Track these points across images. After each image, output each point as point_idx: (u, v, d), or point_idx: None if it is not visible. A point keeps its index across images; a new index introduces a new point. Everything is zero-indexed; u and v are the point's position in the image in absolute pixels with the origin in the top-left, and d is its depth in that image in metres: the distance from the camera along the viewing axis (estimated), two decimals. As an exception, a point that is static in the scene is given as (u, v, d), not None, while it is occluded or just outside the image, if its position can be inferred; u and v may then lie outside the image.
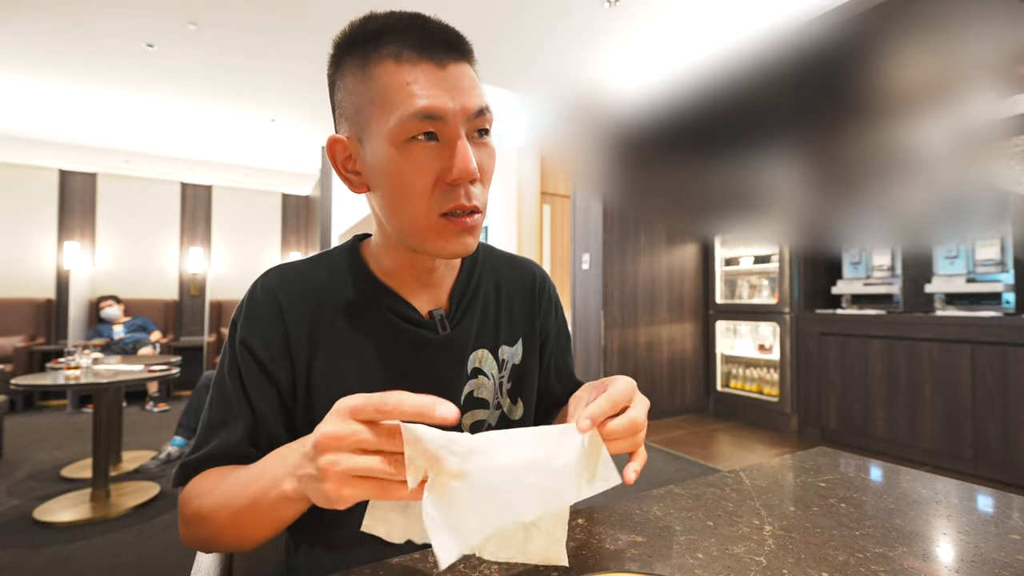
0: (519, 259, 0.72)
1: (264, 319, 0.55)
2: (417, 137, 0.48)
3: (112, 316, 4.86)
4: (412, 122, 0.47)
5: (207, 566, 0.55)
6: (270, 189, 6.55)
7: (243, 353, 0.54)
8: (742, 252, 4.17)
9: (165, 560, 1.84)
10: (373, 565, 0.47)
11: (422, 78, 0.48)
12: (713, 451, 3.21)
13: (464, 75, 0.50)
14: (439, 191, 0.50)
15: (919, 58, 2.89)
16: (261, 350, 0.54)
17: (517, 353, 0.66)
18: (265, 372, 0.54)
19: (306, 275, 0.58)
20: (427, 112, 0.47)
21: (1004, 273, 2.76)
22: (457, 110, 0.48)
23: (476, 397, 0.60)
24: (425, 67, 0.48)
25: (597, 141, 3.86)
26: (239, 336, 0.54)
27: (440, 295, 0.61)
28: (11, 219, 5.06)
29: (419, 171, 0.49)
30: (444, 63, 0.49)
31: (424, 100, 0.47)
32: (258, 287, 0.57)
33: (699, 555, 0.48)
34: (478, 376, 0.61)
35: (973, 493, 0.65)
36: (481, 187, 0.52)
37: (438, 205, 0.50)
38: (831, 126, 3.68)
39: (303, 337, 0.55)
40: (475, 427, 0.60)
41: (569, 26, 2.93)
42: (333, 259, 0.60)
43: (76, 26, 3.07)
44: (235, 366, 0.54)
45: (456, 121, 0.49)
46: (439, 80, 0.48)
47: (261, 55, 3.43)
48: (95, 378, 2.41)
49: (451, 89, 0.48)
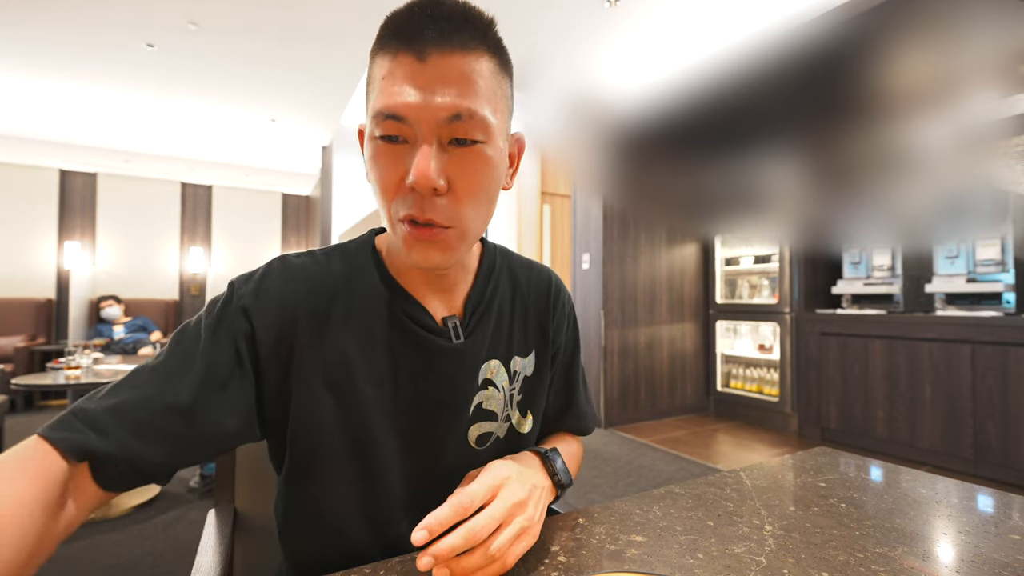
0: (536, 266, 0.69)
1: (274, 302, 0.50)
2: (385, 138, 0.45)
3: (112, 316, 4.86)
4: (376, 120, 0.45)
5: (207, 566, 0.55)
6: (270, 189, 6.56)
7: (239, 318, 0.49)
8: (742, 252, 4.17)
9: (165, 560, 1.84)
10: (373, 565, 0.47)
11: (396, 71, 0.44)
12: (713, 451, 3.21)
13: (451, 69, 0.44)
14: (401, 193, 0.47)
15: (919, 58, 2.89)
16: (262, 330, 0.49)
17: (529, 365, 0.64)
18: (254, 348, 0.49)
19: (324, 267, 0.55)
20: (387, 112, 0.44)
21: (1004, 273, 2.76)
22: (425, 112, 0.44)
23: (484, 409, 0.59)
24: (404, 59, 0.44)
25: (597, 141, 3.86)
26: (242, 303, 0.49)
27: (455, 301, 0.59)
28: (11, 219, 5.07)
29: (384, 171, 0.46)
30: (426, 55, 0.44)
31: (385, 98, 0.44)
32: (276, 265, 0.53)
33: (699, 555, 0.48)
34: (488, 387, 0.59)
35: (973, 493, 0.65)
36: (450, 201, 0.47)
37: (396, 209, 0.47)
38: (831, 126, 3.68)
39: (313, 332, 0.51)
40: (481, 439, 0.59)
41: (569, 25, 2.93)
42: (350, 253, 0.57)
43: (76, 26, 3.08)
44: (223, 329, 0.48)
45: (422, 124, 0.44)
46: (413, 75, 0.44)
47: (261, 55, 3.43)
48: (95, 378, 2.41)
49: (424, 87, 0.43)
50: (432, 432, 0.56)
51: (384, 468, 0.54)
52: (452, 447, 0.57)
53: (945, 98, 3.14)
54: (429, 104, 0.44)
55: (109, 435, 0.41)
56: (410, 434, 0.55)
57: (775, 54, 2.87)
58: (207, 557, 0.57)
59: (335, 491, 0.54)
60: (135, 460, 0.42)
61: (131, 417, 0.42)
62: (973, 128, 3.11)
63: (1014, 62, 2.79)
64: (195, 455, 0.46)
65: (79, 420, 0.41)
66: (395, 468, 0.55)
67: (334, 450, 0.52)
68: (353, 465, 0.53)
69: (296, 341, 0.51)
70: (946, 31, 2.62)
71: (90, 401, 0.43)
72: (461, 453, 0.58)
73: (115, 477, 0.41)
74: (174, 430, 0.44)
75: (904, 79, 3.09)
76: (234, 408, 0.47)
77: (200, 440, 0.45)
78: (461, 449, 0.58)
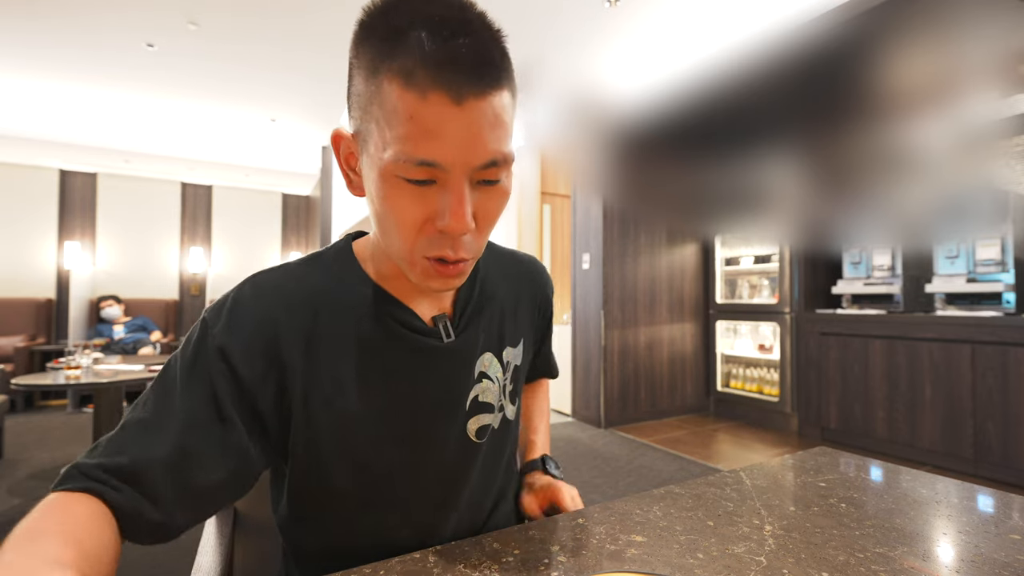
0: (520, 255, 0.70)
1: (251, 327, 0.49)
2: (411, 181, 0.43)
3: (112, 316, 4.86)
4: (406, 165, 0.42)
5: (207, 566, 0.55)
6: (270, 189, 6.56)
7: (216, 361, 0.47)
8: (742, 252, 4.17)
9: (165, 560, 1.84)
10: (374, 565, 0.47)
11: (428, 114, 0.40)
12: (713, 451, 3.21)
13: (485, 114, 0.42)
14: (427, 234, 0.45)
15: (919, 58, 2.89)
16: (240, 362, 0.47)
17: (519, 354, 0.65)
18: (242, 386, 0.47)
19: (301, 280, 0.53)
20: (424, 160, 0.41)
21: (1004, 273, 2.76)
22: (463, 159, 0.42)
23: (482, 402, 0.59)
24: (437, 99, 0.40)
25: (597, 141, 3.86)
26: (216, 342, 0.47)
27: (443, 301, 0.58)
28: (11, 219, 5.07)
29: (407, 210, 0.44)
30: (463, 98, 0.40)
31: (424, 147, 0.41)
32: (247, 288, 0.51)
33: (699, 555, 0.48)
34: (483, 380, 0.59)
35: (973, 493, 0.65)
36: (477, 235, 0.47)
37: (423, 248, 0.46)
38: (831, 126, 3.68)
39: (300, 347, 0.50)
40: (480, 432, 0.59)
41: (569, 25, 2.93)
42: (327, 262, 0.56)
43: (76, 26, 3.08)
44: (200, 371, 0.47)
45: (459, 171, 0.42)
46: (450, 120, 0.40)
47: (261, 55, 3.43)
48: (95, 378, 2.41)
49: (463, 133, 0.41)
50: (432, 431, 0.56)
51: (386, 474, 0.54)
52: (453, 443, 0.57)
53: (945, 98, 3.14)
54: (467, 153, 0.42)
55: (122, 491, 0.41)
56: (411, 437, 0.55)
57: (775, 54, 2.87)
58: (207, 557, 0.57)
59: (338, 498, 0.54)
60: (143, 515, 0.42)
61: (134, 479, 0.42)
62: (973, 128, 3.11)
63: (1014, 62, 2.79)
64: (196, 509, 0.45)
65: (84, 475, 0.41)
66: (397, 472, 0.55)
67: (335, 461, 0.52)
68: (355, 474, 0.53)
69: (283, 361, 0.49)
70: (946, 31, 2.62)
71: (90, 457, 0.43)
72: (463, 448, 0.58)
73: (133, 530, 0.42)
74: (166, 486, 0.43)
75: (904, 79, 3.09)
76: (223, 454, 0.46)
77: (195, 492, 0.45)
78: (462, 444, 0.58)
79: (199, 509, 0.46)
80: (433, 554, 0.49)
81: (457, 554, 0.49)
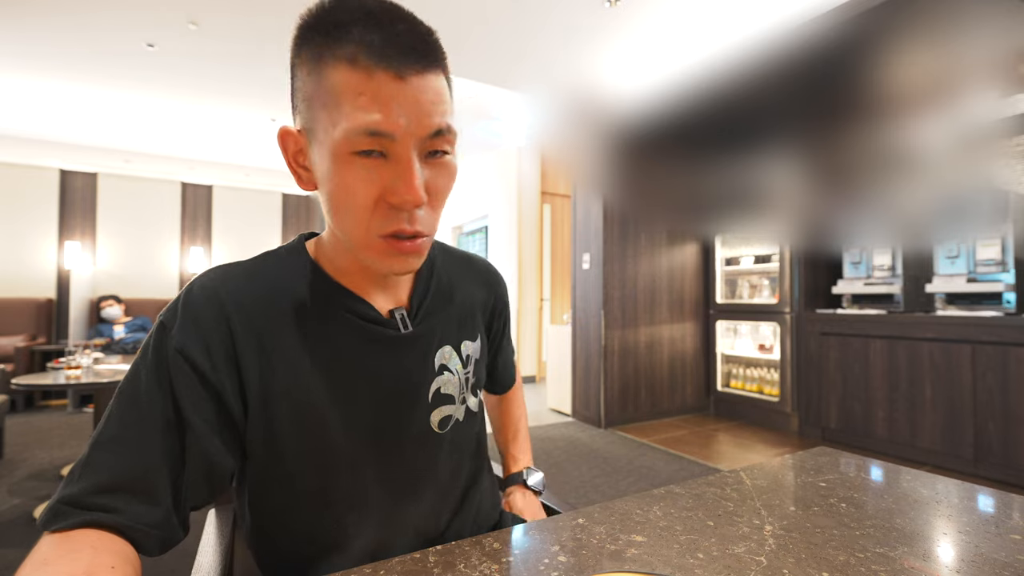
0: (475, 257, 0.74)
1: (205, 323, 0.49)
2: (361, 153, 0.45)
3: (113, 316, 4.87)
4: (357, 137, 0.44)
5: (207, 566, 0.55)
6: (270, 189, 6.56)
7: (177, 362, 0.47)
8: (742, 252, 4.17)
9: (165, 560, 1.84)
10: (374, 565, 0.47)
11: (375, 90, 0.43)
12: (713, 451, 3.21)
13: (427, 88, 0.45)
14: (380, 211, 0.47)
15: (919, 58, 2.89)
16: (201, 358, 0.48)
17: (478, 348, 0.67)
18: (205, 383, 0.48)
19: (253, 275, 0.54)
20: (374, 129, 0.43)
21: (1005, 273, 2.76)
22: (411, 130, 0.45)
23: (443, 393, 0.60)
24: (382, 76, 0.43)
25: (597, 141, 3.86)
26: (174, 344, 0.48)
27: (400, 295, 0.60)
28: (11, 219, 5.07)
29: (360, 188, 0.46)
30: (405, 73, 0.44)
31: (373, 116, 0.43)
32: (196, 287, 0.51)
33: (699, 555, 0.48)
34: (444, 373, 0.61)
35: (973, 493, 0.65)
36: (430, 210, 0.49)
37: (378, 226, 0.47)
38: (831, 126, 3.69)
39: (253, 343, 0.50)
40: (443, 423, 0.60)
41: (569, 25, 2.93)
42: (281, 258, 0.57)
43: (76, 26, 3.08)
44: (163, 375, 0.47)
45: (408, 141, 0.45)
46: (395, 93, 0.44)
47: (261, 55, 3.43)
48: (96, 378, 2.41)
49: (408, 105, 0.44)
50: (394, 422, 0.56)
51: (349, 465, 0.54)
52: (416, 434, 0.58)
53: (945, 98, 3.14)
54: (413, 123, 0.45)
55: (119, 512, 0.42)
56: (372, 427, 0.55)
57: (775, 54, 2.87)
58: (207, 557, 0.57)
59: (301, 496, 0.54)
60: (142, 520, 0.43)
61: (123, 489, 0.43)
62: (973, 128, 3.11)
63: (1014, 62, 2.79)
64: (187, 510, 0.48)
65: (74, 507, 0.41)
66: (361, 465, 0.55)
67: (296, 456, 0.52)
68: (317, 469, 0.53)
69: (239, 356, 0.50)
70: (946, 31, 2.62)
71: (71, 487, 0.42)
72: (426, 439, 0.59)
73: (144, 545, 0.44)
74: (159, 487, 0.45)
75: (904, 79, 3.09)
76: (200, 454, 0.48)
77: (183, 495, 0.47)
78: (425, 435, 0.59)
79: (188, 509, 0.48)
80: (433, 554, 0.49)
81: (457, 554, 0.49)
